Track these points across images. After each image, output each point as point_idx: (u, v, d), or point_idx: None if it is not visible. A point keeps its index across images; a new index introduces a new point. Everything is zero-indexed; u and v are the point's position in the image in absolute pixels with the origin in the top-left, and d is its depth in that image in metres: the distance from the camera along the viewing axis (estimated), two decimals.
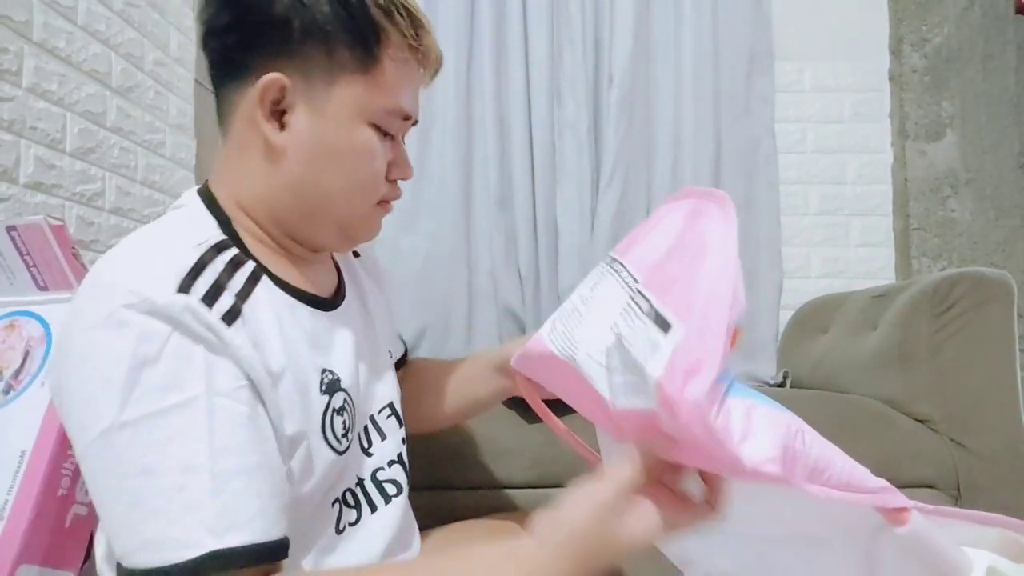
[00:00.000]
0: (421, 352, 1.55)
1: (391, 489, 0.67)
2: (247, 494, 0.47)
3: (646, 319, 0.46)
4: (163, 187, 1.45)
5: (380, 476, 0.66)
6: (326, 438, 0.58)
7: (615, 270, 0.56)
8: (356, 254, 0.79)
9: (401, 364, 0.84)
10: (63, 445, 0.59)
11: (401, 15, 0.58)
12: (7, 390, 0.62)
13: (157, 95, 1.43)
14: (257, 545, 0.46)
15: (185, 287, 0.49)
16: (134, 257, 0.51)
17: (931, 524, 0.46)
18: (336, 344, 0.63)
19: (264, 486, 0.48)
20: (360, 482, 0.64)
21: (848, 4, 1.73)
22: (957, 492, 1.02)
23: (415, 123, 0.65)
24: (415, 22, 0.59)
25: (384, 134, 0.60)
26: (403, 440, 0.71)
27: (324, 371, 0.59)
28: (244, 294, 0.53)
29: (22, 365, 0.63)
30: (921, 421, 1.04)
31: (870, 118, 1.72)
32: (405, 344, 0.88)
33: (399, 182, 0.65)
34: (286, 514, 0.50)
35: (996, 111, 1.63)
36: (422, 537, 0.73)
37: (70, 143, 1.15)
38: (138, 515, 0.45)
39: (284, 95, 0.57)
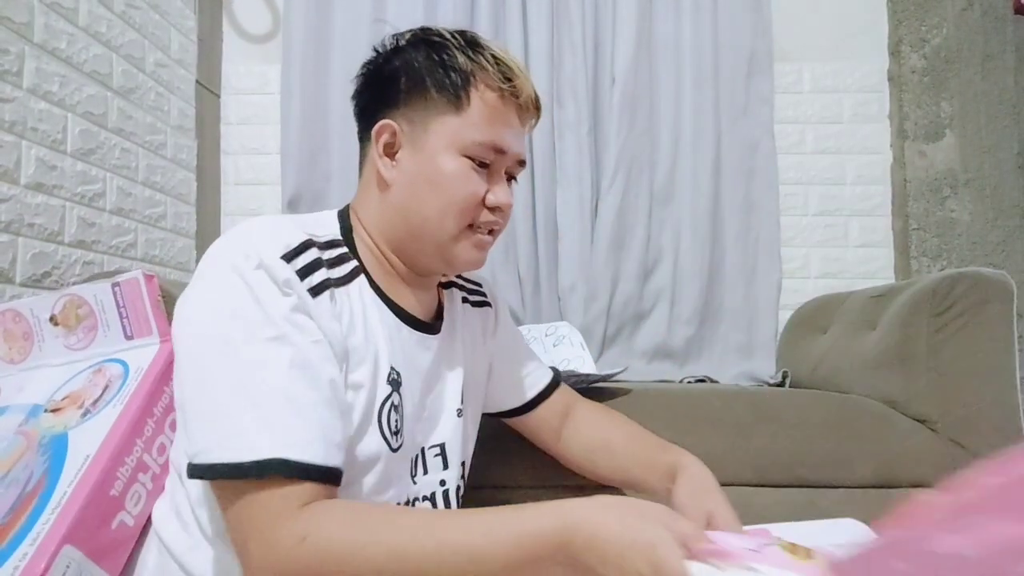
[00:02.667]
0: None
1: None
2: (313, 422, 0.56)
3: None
4: (164, 188, 1.45)
5: (418, 507, 0.72)
6: (380, 426, 0.65)
7: None
8: (485, 304, 0.87)
9: (548, 394, 0.90)
10: (122, 451, 0.67)
11: (489, 63, 0.68)
12: (85, 414, 0.71)
13: (158, 96, 1.43)
14: (317, 465, 0.54)
15: (288, 258, 0.60)
16: (259, 226, 0.64)
17: None
18: (406, 357, 0.71)
19: (327, 420, 0.57)
20: (409, 503, 0.71)
21: (847, 5, 1.73)
22: None
23: (523, 164, 0.73)
24: (504, 68, 0.68)
25: (480, 165, 0.68)
26: (442, 482, 0.76)
27: (392, 368, 0.68)
28: (340, 282, 0.65)
29: (101, 395, 0.72)
30: (920, 421, 1.04)
31: (869, 119, 1.72)
32: (555, 373, 0.93)
33: (500, 220, 0.72)
34: (343, 452, 0.58)
35: (995, 111, 1.64)
36: None
37: (71, 144, 1.15)
38: (223, 418, 0.55)
39: (395, 137, 0.69)
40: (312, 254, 0.63)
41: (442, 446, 0.76)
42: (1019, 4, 1.59)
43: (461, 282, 0.87)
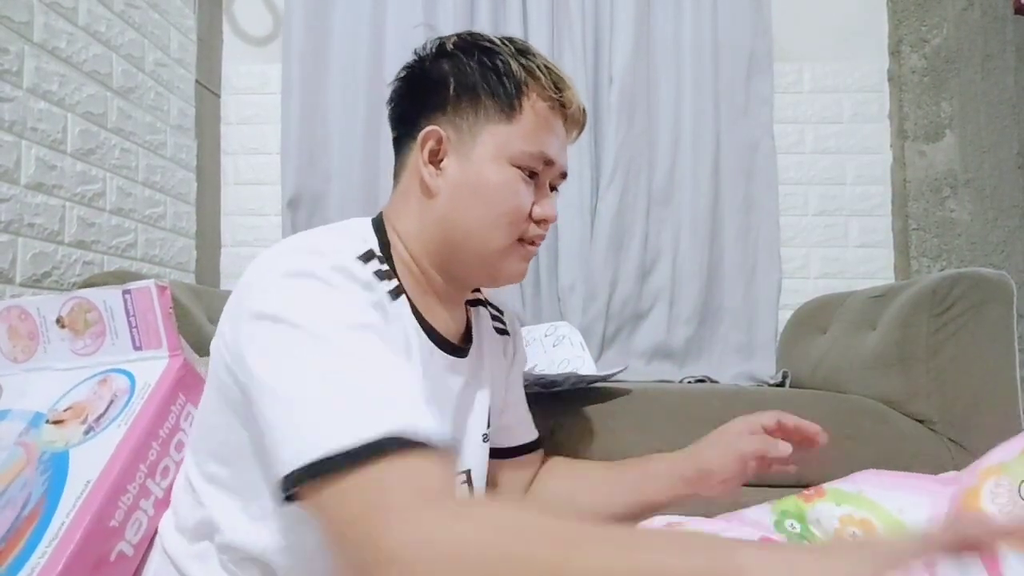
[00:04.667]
0: None
1: None
2: (417, 399, 0.51)
3: None
4: (164, 188, 1.45)
5: None
6: None
7: None
8: (505, 332, 0.84)
9: (530, 450, 0.86)
10: (124, 479, 0.64)
11: (542, 72, 0.67)
12: (88, 430, 0.68)
13: (158, 96, 1.43)
14: (435, 433, 0.48)
15: (364, 260, 0.59)
16: (316, 235, 0.62)
17: None
18: (437, 381, 0.68)
19: (420, 394, 0.52)
20: None
21: (847, 5, 1.73)
22: None
23: (565, 176, 0.72)
24: (555, 78, 0.67)
25: (530, 175, 0.66)
26: None
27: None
28: (393, 297, 0.63)
29: (105, 411, 0.69)
30: (920, 421, 1.04)
31: (869, 119, 1.72)
32: (539, 437, 0.89)
33: (545, 232, 0.70)
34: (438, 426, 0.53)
35: (995, 111, 1.64)
36: None
37: (71, 144, 1.15)
38: (327, 411, 0.48)
39: (441, 144, 0.66)
40: (375, 264, 0.61)
41: (468, 472, 0.73)
42: (1019, 4, 1.59)
43: (489, 305, 0.85)
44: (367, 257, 0.60)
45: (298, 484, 0.46)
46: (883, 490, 0.67)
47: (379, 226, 0.69)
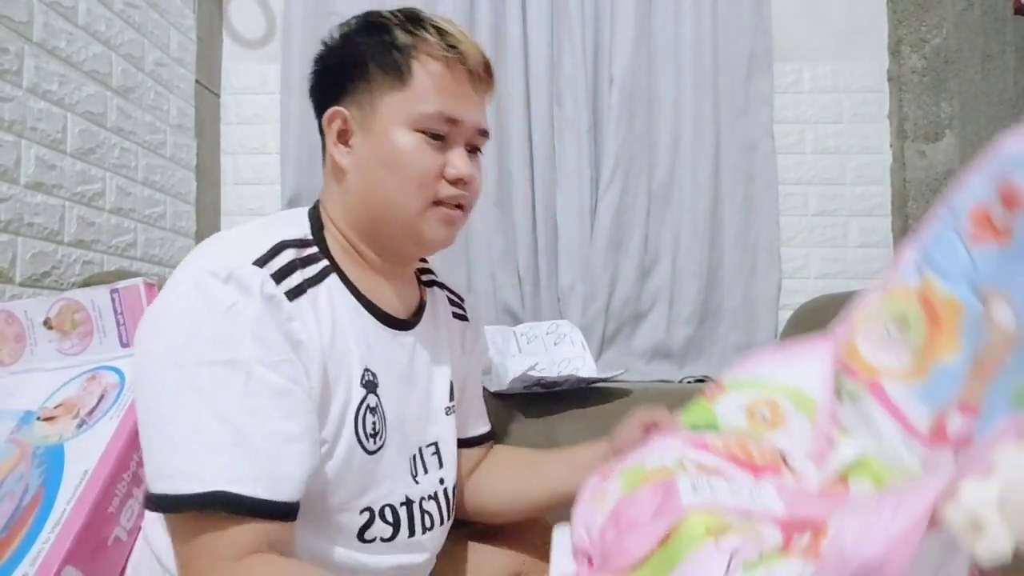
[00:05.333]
0: None
1: (427, 521, 0.72)
2: (264, 455, 0.53)
3: None
4: (163, 187, 1.45)
5: (425, 506, 0.72)
6: (357, 431, 0.64)
7: None
8: (464, 318, 0.86)
9: (480, 443, 0.89)
10: (120, 467, 0.67)
11: (430, 33, 0.67)
12: (81, 424, 0.70)
13: (157, 96, 1.43)
14: (263, 500, 0.52)
15: (261, 263, 0.59)
16: (228, 237, 0.63)
17: None
18: (385, 357, 0.69)
19: (282, 451, 0.54)
20: (408, 503, 0.70)
21: (847, 5, 1.73)
22: None
23: (485, 135, 0.72)
24: (444, 35, 0.67)
25: (433, 137, 0.67)
26: (441, 480, 0.75)
27: (367, 369, 0.66)
28: (313, 282, 0.63)
29: (96, 405, 0.72)
30: None
31: (869, 119, 1.72)
32: (491, 429, 0.92)
33: (467, 192, 0.69)
34: (302, 484, 0.56)
35: (995, 112, 1.64)
36: None
37: (71, 143, 1.15)
38: (169, 446, 0.53)
39: (347, 124, 0.69)
40: (287, 255, 0.62)
41: (436, 444, 0.76)
42: (1019, 4, 1.59)
43: (447, 289, 0.86)
44: (272, 253, 0.60)
45: (152, 502, 0.53)
46: (775, 366, 0.69)
47: (314, 212, 0.72)
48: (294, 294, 0.60)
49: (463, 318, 0.86)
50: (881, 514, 0.40)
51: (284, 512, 0.54)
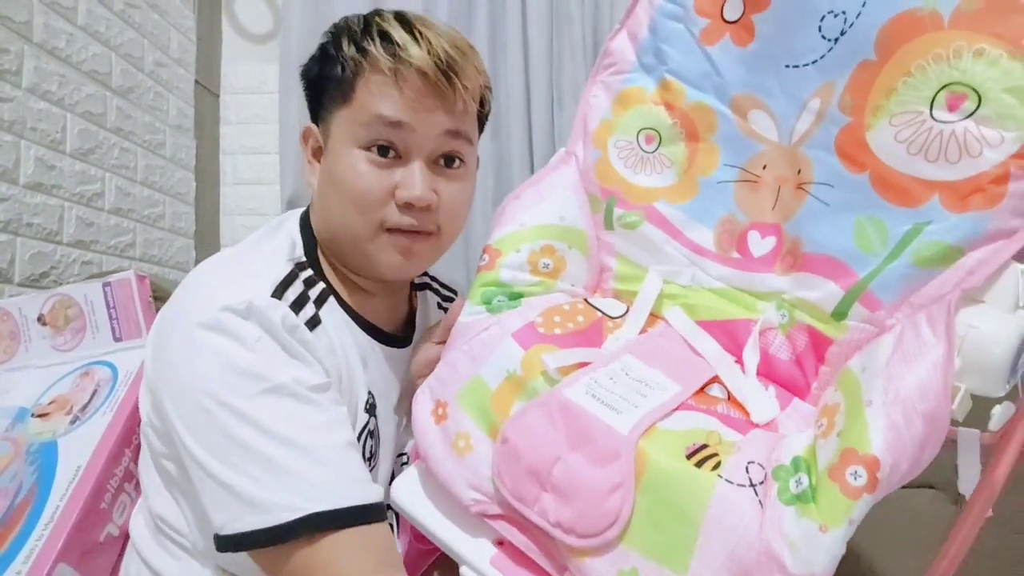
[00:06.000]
0: None
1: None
2: (337, 465, 0.52)
3: None
4: (163, 188, 1.45)
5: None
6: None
7: None
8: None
9: None
10: (112, 463, 0.66)
11: (374, 41, 0.60)
12: (74, 420, 0.70)
13: (157, 96, 1.43)
14: (358, 507, 0.51)
15: (278, 294, 0.57)
16: (230, 268, 0.60)
17: None
18: (382, 375, 0.67)
19: (350, 457, 0.54)
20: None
21: None
22: (957, 492, 1.01)
23: (454, 135, 0.63)
24: (389, 43, 0.60)
25: (381, 153, 0.60)
26: None
27: (370, 392, 0.64)
28: (319, 305, 0.61)
29: (89, 401, 0.71)
30: None
31: None
32: None
33: (419, 220, 0.63)
34: (373, 483, 0.55)
35: None
36: None
37: (70, 144, 1.15)
38: (245, 485, 0.50)
39: (318, 141, 0.66)
40: (298, 286, 0.60)
41: (407, 456, 0.73)
42: None
43: (436, 286, 0.83)
44: (288, 281, 0.59)
45: (237, 542, 0.50)
46: (534, 208, 0.65)
47: (306, 224, 0.68)
48: (312, 324, 0.59)
49: None
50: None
51: (378, 512, 0.53)
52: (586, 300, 0.64)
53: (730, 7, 0.57)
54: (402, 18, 0.62)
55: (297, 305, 0.58)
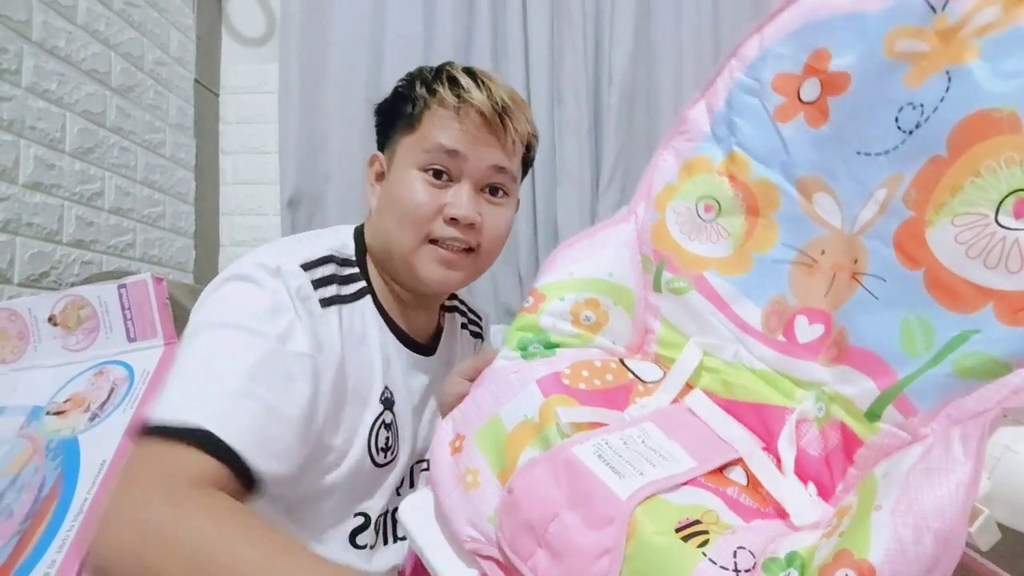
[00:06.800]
0: None
1: (400, 531, 0.75)
2: (262, 420, 0.54)
3: None
4: (163, 187, 1.45)
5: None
6: (369, 445, 0.67)
7: None
8: (480, 336, 0.91)
9: None
10: None
11: (442, 83, 0.71)
12: (93, 417, 0.72)
13: (157, 95, 1.43)
14: (241, 455, 0.52)
15: (307, 268, 0.64)
16: (283, 242, 0.69)
17: None
18: (403, 376, 0.74)
19: (277, 428, 0.56)
20: (385, 514, 0.73)
21: None
22: None
23: (500, 170, 0.72)
24: (455, 86, 0.71)
25: (436, 176, 0.70)
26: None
27: (387, 387, 0.70)
28: (347, 299, 0.68)
29: (107, 399, 0.73)
30: None
31: None
32: None
33: (464, 235, 0.71)
34: (277, 464, 0.56)
35: None
36: None
37: (69, 143, 1.15)
38: (184, 382, 0.55)
39: (382, 167, 0.76)
40: (329, 269, 0.67)
41: (429, 463, 0.78)
42: None
43: (464, 308, 0.90)
44: (319, 262, 0.66)
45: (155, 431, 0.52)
46: (586, 261, 0.66)
47: (359, 235, 0.77)
48: (326, 303, 0.64)
49: (479, 336, 0.91)
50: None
51: (251, 479, 0.53)
52: (622, 360, 0.63)
53: (807, 88, 0.56)
54: (469, 70, 0.74)
55: (319, 284, 0.64)
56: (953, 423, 0.42)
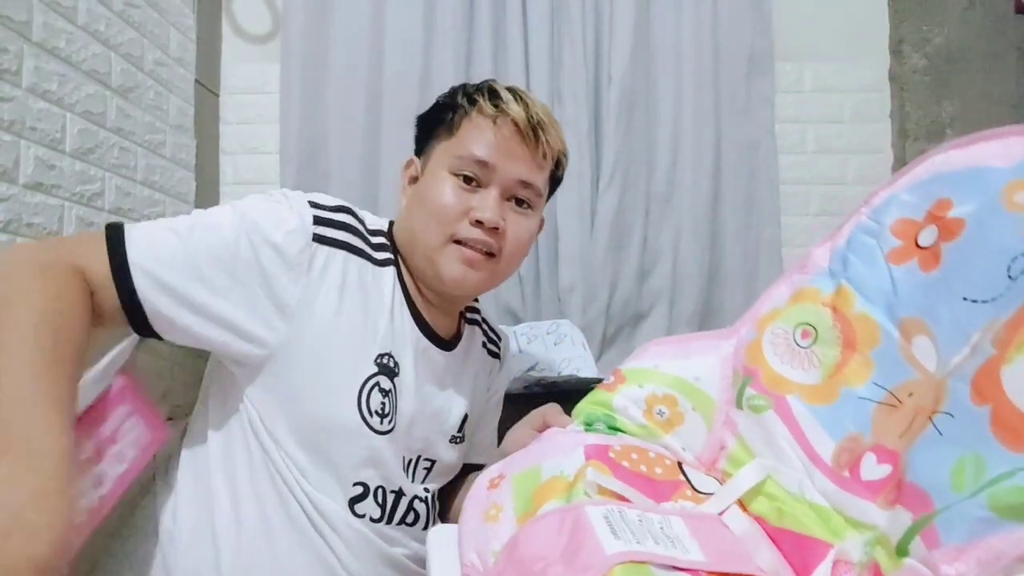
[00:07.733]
0: None
1: (410, 517, 0.77)
2: (181, 279, 0.63)
3: None
4: (163, 187, 1.45)
5: (415, 505, 0.77)
6: (359, 403, 0.70)
7: None
8: (497, 356, 0.94)
9: (472, 470, 0.93)
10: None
11: (482, 96, 0.77)
12: None
13: (157, 95, 1.43)
14: (135, 288, 0.62)
15: (314, 205, 0.71)
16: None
17: None
18: (413, 359, 0.76)
19: (193, 300, 0.64)
20: (399, 493, 0.75)
21: (848, 4, 1.72)
22: None
23: (526, 186, 0.77)
24: (495, 98, 0.76)
25: (466, 180, 0.74)
26: (426, 490, 0.80)
27: (390, 355, 0.74)
28: (372, 261, 0.75)
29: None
30: None
31: (870, 118, 1.72)
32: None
33: (489, 238, 0.75)
34: (172, 329, 0.65)
35: (997, 112, 1.63)
36: None
37: (70, 143, 1.15)
38: (164, 222, 0.68)
39: (417, 170, 0.81)
40: (346, 218, 0.74)
41: (434, 463, 0.81)
42: (1020, 4, 1.59)
43: (485, 327, 0.92)
44: (333, 209, 0.73)
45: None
46: (675, 360, 0.67)
47: (391, 227, 0.83)
48: (318, 240, 0.69)
49: (496, 356, 0.93)
50: None
51: (132, 310, 0.62)
52: (680, 464, 0.62)
53: (926, 234, 0.56)
54: (510, 87, 0.79)
55: (319, 221, 0.70)
56: (982, 567, 0.39)
